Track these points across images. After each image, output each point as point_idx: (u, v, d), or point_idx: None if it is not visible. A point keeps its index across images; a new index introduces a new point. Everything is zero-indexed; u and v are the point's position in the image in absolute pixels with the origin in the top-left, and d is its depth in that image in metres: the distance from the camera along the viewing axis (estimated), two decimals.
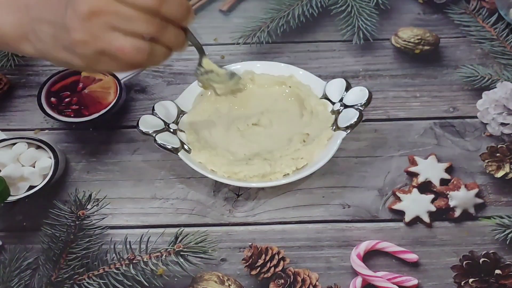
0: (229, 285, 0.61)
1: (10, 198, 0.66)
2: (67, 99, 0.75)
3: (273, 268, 0.62)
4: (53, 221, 0.64)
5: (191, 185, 0.71)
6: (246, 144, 0.72)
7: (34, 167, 0.68)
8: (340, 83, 0.74)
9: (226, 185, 0.70)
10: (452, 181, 0.69)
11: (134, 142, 0.75)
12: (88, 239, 0.63)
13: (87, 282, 0.60)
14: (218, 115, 0.75)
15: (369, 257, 0.65)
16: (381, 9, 0.85)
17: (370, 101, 0.70)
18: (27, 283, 0.61)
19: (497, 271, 0.60)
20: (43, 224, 0.64)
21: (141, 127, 0.70)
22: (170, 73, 0.82)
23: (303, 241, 0.67)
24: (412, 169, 0.70)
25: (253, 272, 0.62)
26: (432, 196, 0.68)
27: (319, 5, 0.85)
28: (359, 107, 0.70)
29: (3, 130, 0.74)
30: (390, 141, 0.74)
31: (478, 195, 0.68)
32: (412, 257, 0.64)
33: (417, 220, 0.67)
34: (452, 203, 0.67)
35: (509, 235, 0.64)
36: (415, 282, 0.62)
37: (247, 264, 0.62)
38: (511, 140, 0.72)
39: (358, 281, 0.63)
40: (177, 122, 0.73)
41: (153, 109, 0.72)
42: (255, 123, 0.74)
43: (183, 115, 0.74)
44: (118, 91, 0.75)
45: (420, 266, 0.64)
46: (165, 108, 0.73)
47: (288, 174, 0.69)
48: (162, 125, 0.71)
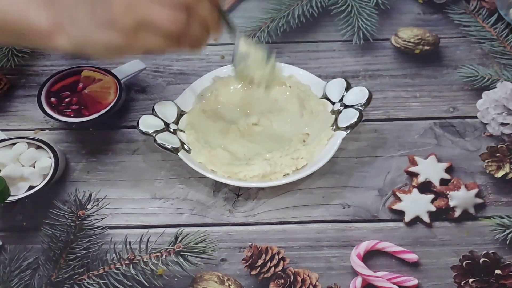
0: (229, 285, 0.61)
1: (10, 198, 0.66)
2: (67, 99, 0.75)
3: (273, 268, 0.62)
4: (53, 221, 0.64)
5: (191, 185, 0.71)
6: (246, 144, 0.72)
7: (34, 167, 0.68)
8: (340, 83, 0.74)
9: (226, 185, 0.70)
10: (452, 181, 0.69)
11: (134, 142, 0.75)
12: (88, 239, 0.63)
13: (87, 282, 0.60)
14: (218, 115, 0.75)
15: (369, 257, 0.65)
16: (381, 9, 0.85)
17: (370, 101, 0.70)
18: (27, 283, 0.61)
19: (497, 271, 0.60)
20: (43, 224, 0.64)
21: (141, 127, 0.70)
22: (170, 73, 0.82)
23: (303, 241, 0.67)
24: (412, 169, 0.70)
25: (253, 272, 0.62)
26: (432, 196, 0.68)
27: (319, 5, 0.85)
28: (359, 107, 0.70)
29: (3, 130, 0.74)
30: (390, 141, 0.74)
31: (478, 195, 0.68)
32: (412, 257, 0.64)
33: (417, 220, 0.67)
34: (452, 203, 0.67)
35: (509, 235, 0.64)
36: (415, 282, 0.62)
37: (247, 264, 0.62)
38: (511, 140, 0.72)
39: (358, 281, 0.63)
40: (177, 122, 0.73)
41: (153, 109, 0.72)
42: (255, 123, 0.74)
43: (183, 115, 0.74)
44: (118, 91, 0.74)
45: (420, 266, 0.64)
46: (165, 108, 0.73)
47: (288, 174, 0.69)
48: (162, 125, 0.71)
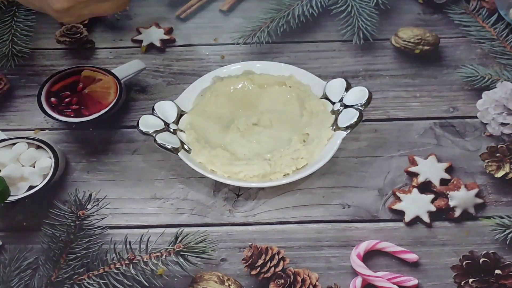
0: (229, 285, 0.61)
1: (10, 198, 0.66)
2: (67, 99, 0.75)
3: (273, 268, 0.62)
4: (53, 221, 0.64)
5: (191, 185, 0.71)
6: (246, 144, 0.72)
7: (34, 167, 0.68)
8: (340, 83, 0.74)
9: (226, 185, 0.70)
10: (452, 181, 0.69)
11: (134, 142, 0.75)
12: (88, 239, 0.63)
13: (87, 282, 0.60)
14: (218, 115, 0.75)
15: (369, 257, 0.65)
16: (381, 9, 0.85)
17: (370, 101, 0.70)
18: (27, 283, 0.61)
19: (497, 271, 0.60)
20: (43, 224, 0.64)
21: (141, 127, 0.70)
22: (170, 73, 0.82)
23: (303, 241, 0.67)
24: (412, 169, 0.70)
25: (253, 272, 0.62)
26: (432, 196, 0.68)
27: (319, 5, 0.85)
28: (359, 107, 0.70)
29: (3, 130, 0.74)
30: (390, 141, 0.74)
31: (478, 195, 0.68)
32: (412, 257, 0.64)
33: (417, 220, 0.67)
34: (452, 203, 0.67)
35: (509, 235, 0.64)
36: (415, 282, 0.62)
37: (247, 264, 0.62)
38: (511, 140, 0.72)
39: (358, 281, 0.63)
40: (177, 122, 0.73)
41: (153, 109, 0.72)
42: (255, 123, 0.74)
43: (183, 115, 0.74)
44: (118, 91, 0.74)
45: (420, 266, 0.64)
46: (165, 108, 0.73)
47: (288, 174, 0.69)
48: (162, 125, 0.71)
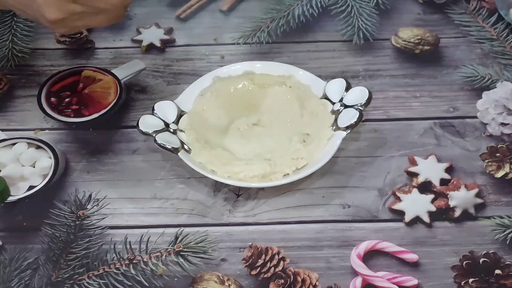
0: (229, 285, 0.61)
1: (10, 198, 0.66)
2: (67, 99, 0.75)
3: (273, 268, 0.62)
4: (53, 221, 0.64)
5: (191, 185, 0.71)
6: (246, 144, 0.72)
7: (34, 167, 0.68)
8: (340, 83, 0.74)
9: (226, 185, 0.70)
10: (452, 181, 0.69)
11: (134, 142, 0.75)
12: (88, 239, 0.63)
13: (87, 282, 0.60)
14: (218, 115, 0.75)
15: (369, 257, 0.65)
16: (381, 9, 0.85)
17: (370, 101, 0.70)
18: (27, 283, 0.61)
19: (497, 271, 0.60)
20: (43, 224, 0.64)
21: (141, 127, 0.70)
22: (170, 73, 0.82)
23: (303, 241, 0.66)
24: (412, 169, 0.70)
25: (253, 272, 0.62)
26: (432, 196, 0.68)
27: (319, 5, 0.85)
28: (359, 107, 0.70)
29: (3, 130, 0.74)
30: (390, 141, 0.74)
31: (478, 195, 0.68)
32: (412, 257, 0.64)
33: (417, 220, 0.67)
34: (452, 203, 0.67)
35: (509, 235, 0.64)
36: (415, 282, 0.62)
37: (247, 264, 0.62)
38: (511, 140, 0.72)
39: (358, 281, 0.63)
40: (177, 122, 0.73)
41: (153, 109, 0.72)
42: (255, 123, 0.74)
43: (183, 115, 0.74)
44: (118, 91, 0.74)
45: (420, 266, 0.64)
46: (165, 108, 0.73)
47: (288, 174, 0.69)
48: (162, 125, 0.71)
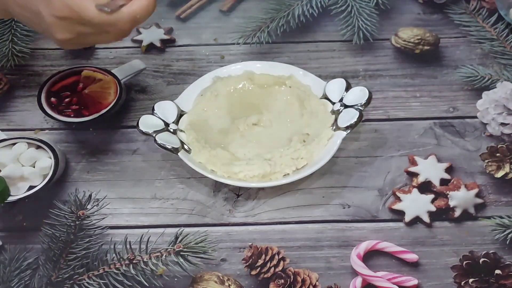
0: (229, 285, 0.61)
1: (10, 198, 0.66)
2: (67, 99, 0.75)
3: (273, 268, 0.62)
4: (53, 221, 0.64)
5: (191, 185, 0.71)
6: (246, 144, 0.72)
7: (34, 167, 0.68)
8: (340, 83, 0.74)
9: (226, 185, 0.70)
10: (452, 181, 0.69)
11: (134, 142, 0.75)
12: (88, 239, 0.63)
13: (87, 282, 0.60)
14: (218, 115, 0.75)
15: (369, 257, 0.65)
16: (381, 9, 0.85)
17: (370, 101, 0.70)
18: (27, 283, 0.61)
19: (497, 271, 0.60)
20: (43, 224, 0.64)
21: (141, 127, 0.70)
22: (170, 73, 0.82)
23: (303, 241, 0.66)
24: (412, 169, 0.70)
25: (253, 272, 0.62)
26: (432, 196, 0.68)
27: (319, 5, 0.85)
28: (359, 107, 0.70)
29: (3, 130, 0.74)
30: (390, 141, 0.74)
31: (478, 195, 0.68)
32: (412, 257, 0.64)
33: (417, 220, 0.67)
34: (452, 203, 0.67)
35: (509, 235, 0.64)
36: (415, 282, 0.62)
37: (247, 264, 0.62)
38: (511, 140, 0.72)
39: (358, 281, 0.63)
40: (177, 122, 0.73)
41: (153, 109, 0.72)
42: (255, 123, 0.74)
43: (183, 115, 0.74)
44: (118, 91, 0.74)
45: (420, 266, 0.64)
46: (165, 108, 0.73)
47: (288, 174, 0.69)
48: (162, 125, 0.71)
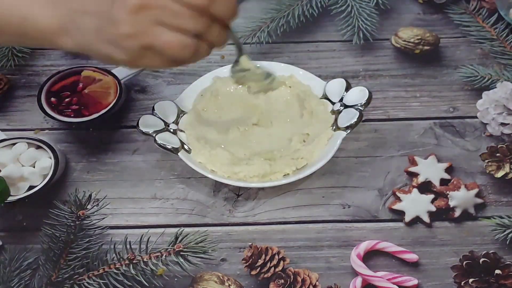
0: (229, 285, 0.61)
1: (10, 198, 0.66)
2: (67, 99, 0.75)
3: (273, 268, 0.62)
4: (53, 221, 0.64)
5: (191, 185, 0.71)
6: (246, 144, 0.72)
7: (34, 167, 0.68)
8: (340, 83, 0.74)
9: (226, 185, 0.70)
10: (452, 181, 0.69)
11: (134, 142, 0.75)
12: (88, 239, 0.63)
13: (87, 282, 0.60)
14: (218, 115, 0.75)
15: (369, 257, 0.65)
16: (381, 9, 0.85)
17: (370, 101, 0.70)
18: (27, 283, 0.61)
19: (497, 271, 0.60)
20: (43, 224, 0.64)
21: (141, 127, 0.70)
22: (170, 73, 0.82)
23: (303, 241, 0.66)
24: (412, 169, 0.70)
25: (253, 272, 0.62)
26: (432, 196, 0.68)
27: (319, 5, 0.85)
28: (359, 107, 0.70)
29: (3, 130, 0.74)
30: (390, 141, 0.74)
31: (478, 195, 0.68)
32: (412, 257, 0.64)
33: (417, 220, 0.67)
34: (452, 203, 0.67)
35: (509, 235, 0.64)
36: (415, 282, 0.62)
37: (247, 264, 0.62)
38: (511, 140, 0.72)
39: (358, 281, 0.63)
40: (177, 122, 0.73)
41: (153, 109, 0.72)
42: (255, 123, 0.74)
43: (183, 115, 0.74)
44: (118, 91, 0.74)
45: (420, 266, 0.64)
46: (165, 108, 0.73)
47: (288, 174, 0.69)
48: (162, 125, 0.71)
